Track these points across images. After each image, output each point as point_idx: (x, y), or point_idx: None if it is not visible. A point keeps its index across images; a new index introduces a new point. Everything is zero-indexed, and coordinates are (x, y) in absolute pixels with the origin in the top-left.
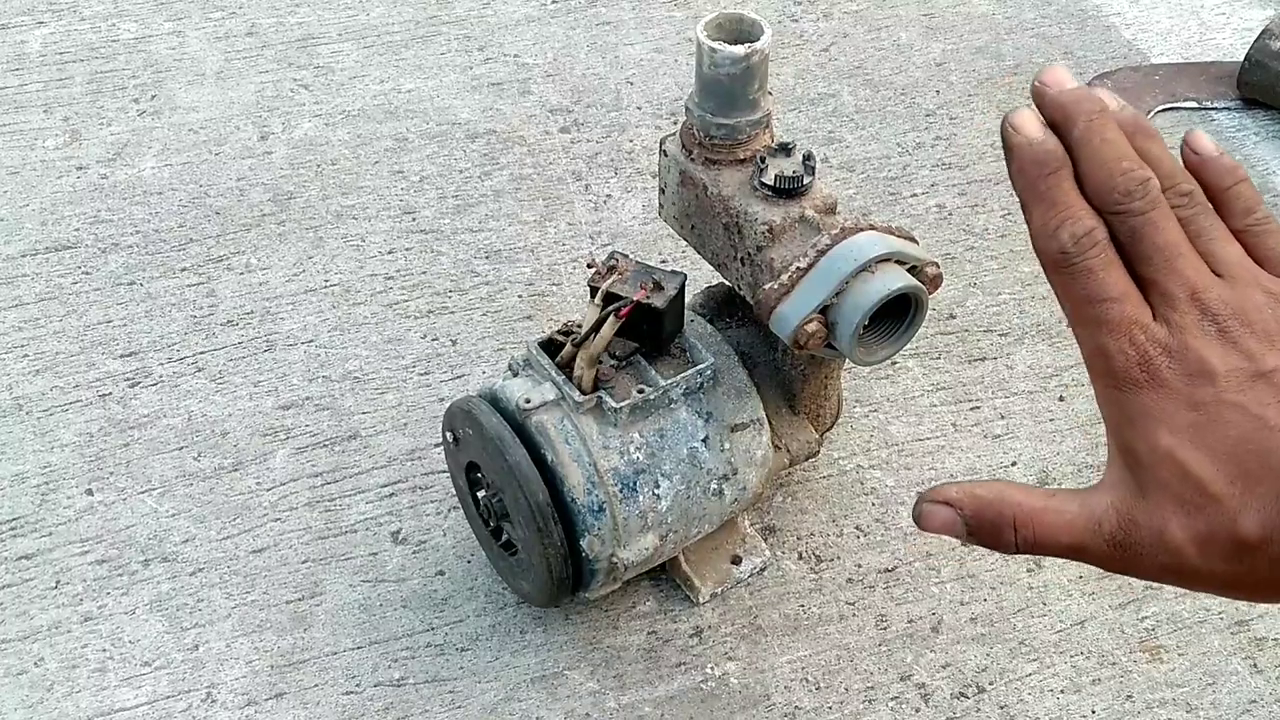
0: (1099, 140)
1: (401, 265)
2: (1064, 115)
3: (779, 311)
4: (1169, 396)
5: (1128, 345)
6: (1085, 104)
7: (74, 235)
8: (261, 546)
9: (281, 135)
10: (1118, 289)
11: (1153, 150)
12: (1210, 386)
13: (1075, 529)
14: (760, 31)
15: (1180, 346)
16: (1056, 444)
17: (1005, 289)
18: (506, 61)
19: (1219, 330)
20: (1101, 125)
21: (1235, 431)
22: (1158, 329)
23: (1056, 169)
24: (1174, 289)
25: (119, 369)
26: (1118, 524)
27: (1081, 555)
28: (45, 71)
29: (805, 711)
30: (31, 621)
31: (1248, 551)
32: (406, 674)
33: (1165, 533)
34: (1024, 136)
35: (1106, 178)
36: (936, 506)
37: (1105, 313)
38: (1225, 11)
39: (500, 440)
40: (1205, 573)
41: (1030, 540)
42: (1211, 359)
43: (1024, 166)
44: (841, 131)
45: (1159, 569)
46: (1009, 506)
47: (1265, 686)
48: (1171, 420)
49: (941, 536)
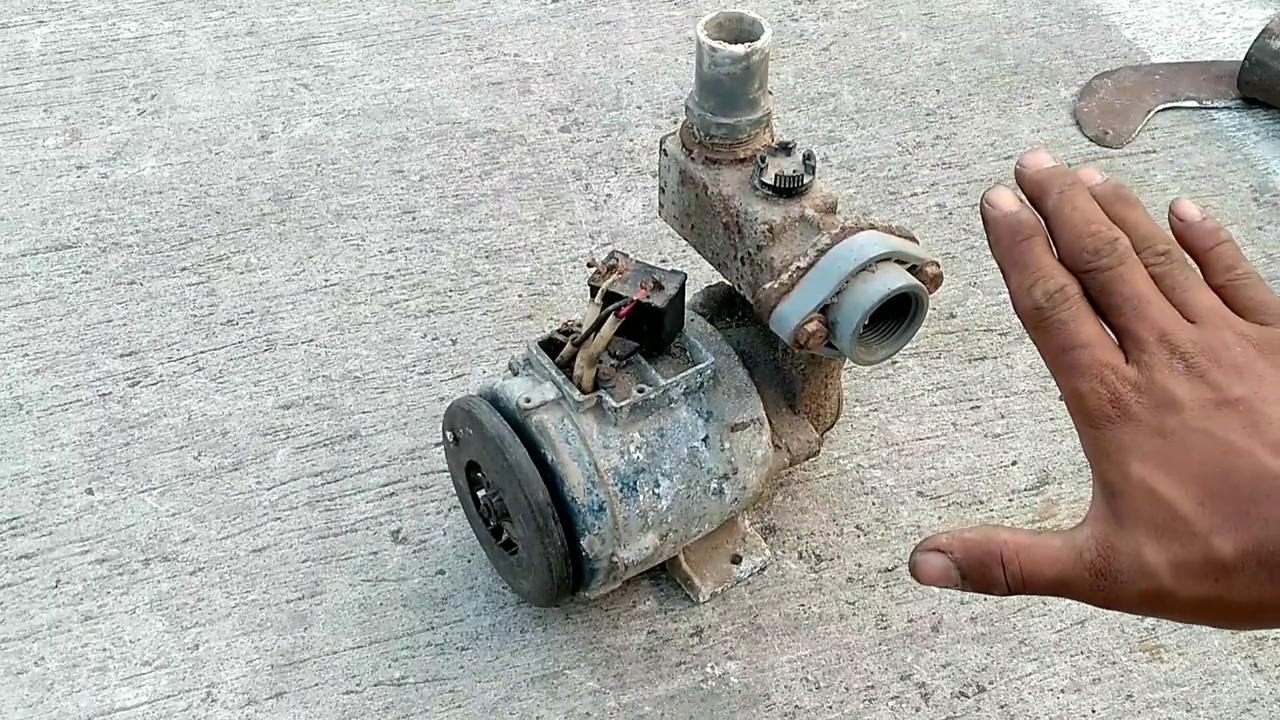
0: (1069, 208)
1: (401, 264)
2: (1039, 190)
3: (779, 311)
4: (1138, 428)
5: (1099, 385)
6: (1059, 178)
7: (74, 235)
8: (262, 546)
9: (281, 135)
10: (1088, 336)
11: (1130, 216)
12: (1176, 415)
13: (1060, 562)
14: (760, 31)
15: (1148, 382)
16: (1057, 443)
17: (1005, 288)
18: (506, 61)
19: (1186, 366)
20: (1073, 195)
21: (1202, 455)
22: (1127, 369)
23: (1030, 235)
24: (1143, 333)
25: (119, 368)
26: (1098, 553)
27: (1067, 589)
28: (45, 71)
29: (805, 711)
30: (31, 621)
31: (1223, 573)
32: (407, 673)
33: (1142, 557)
34: (1000, 210)
35: (1076, 239)
36: (929, 555)
37: (1077, 358)
38: (1225, 11)
39: (500, 439)
40: (1182, 598)
41: (1019, 575)
42: (1177, 391)
43: (1000, 235)
44: (842, 131)
45: (1138, 596)
46: (995, 545)
47: (1265, 686)
48: (1141, 449)
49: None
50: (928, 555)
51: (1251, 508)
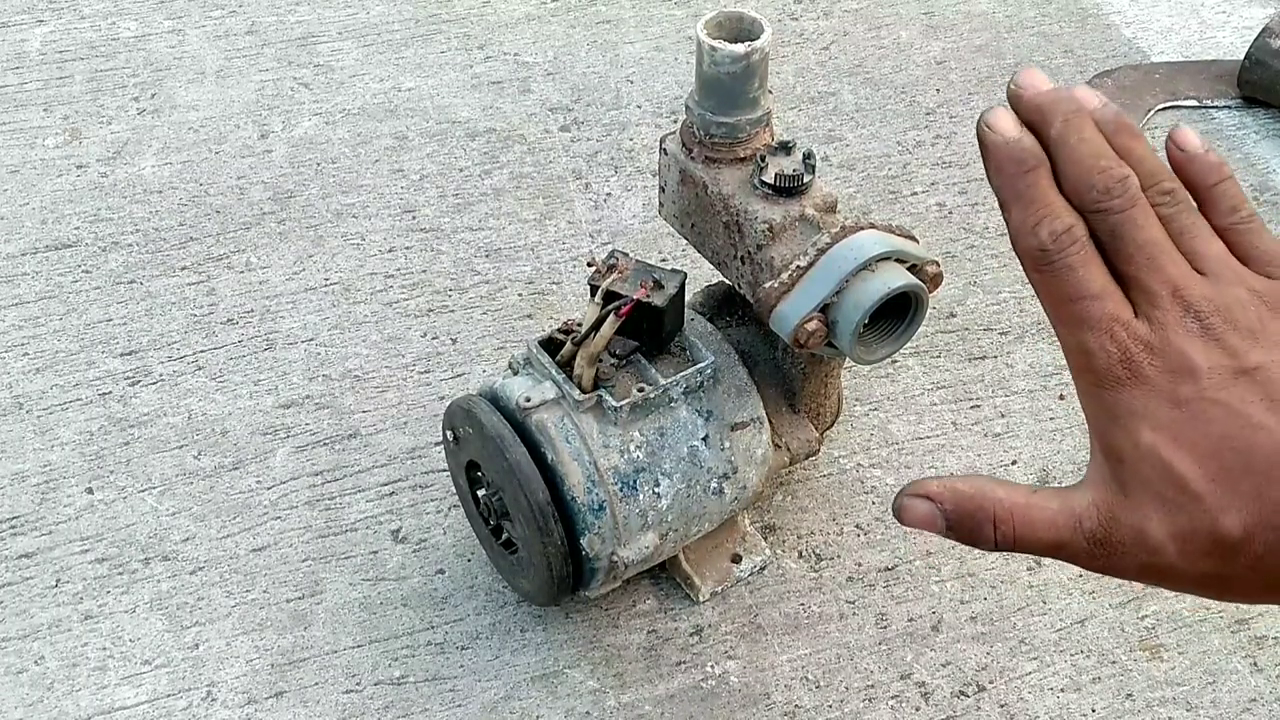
0: (1076, 139)
1: (401, 264)
2: (1040, 116)
3: (779, 310)
4: (1151, 394)
5: (1109, 342)
6: (1062, 104)
7: (74, 234)
8: (262, 545)
9: (281, 134)
10: (1098, 286)
11: (1135, 148)
12: (1193, 383)
13: (1056, 526)
14: (760, 30)
15: (1162, 343)
16: (1057, 442)
17: (1005, 287)
18: (506, 60)
19: (1202, 327)
20: (1079, 124)
21: (1217, 429)
22: (1139, 326)
23: (1034, 167)
24: (1156, 286)
25: (119, 367)
26: (1098, 521)
27: (1061, 553)
28: (45, 70)
29: (805, 710)
30: (31, 620)
31: (1228, 550)
32: (407, 672)
33: (1145, 530)
34: (1000, 135)
35: (1084, 176)
36: (916, 500)
37: (1085, 310)
38: (1225, 10)
39: (500, 439)
40: (1185, 572)
41: (1010, 537)
42: (1194, 355)
43: (1001, 165)
44: (842, 130)
45: (1139, 568)
46: (989, 502)
47: (1265, 685)
48: (1153, 417)
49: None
50: (915, 500)
51: (1266, 488)
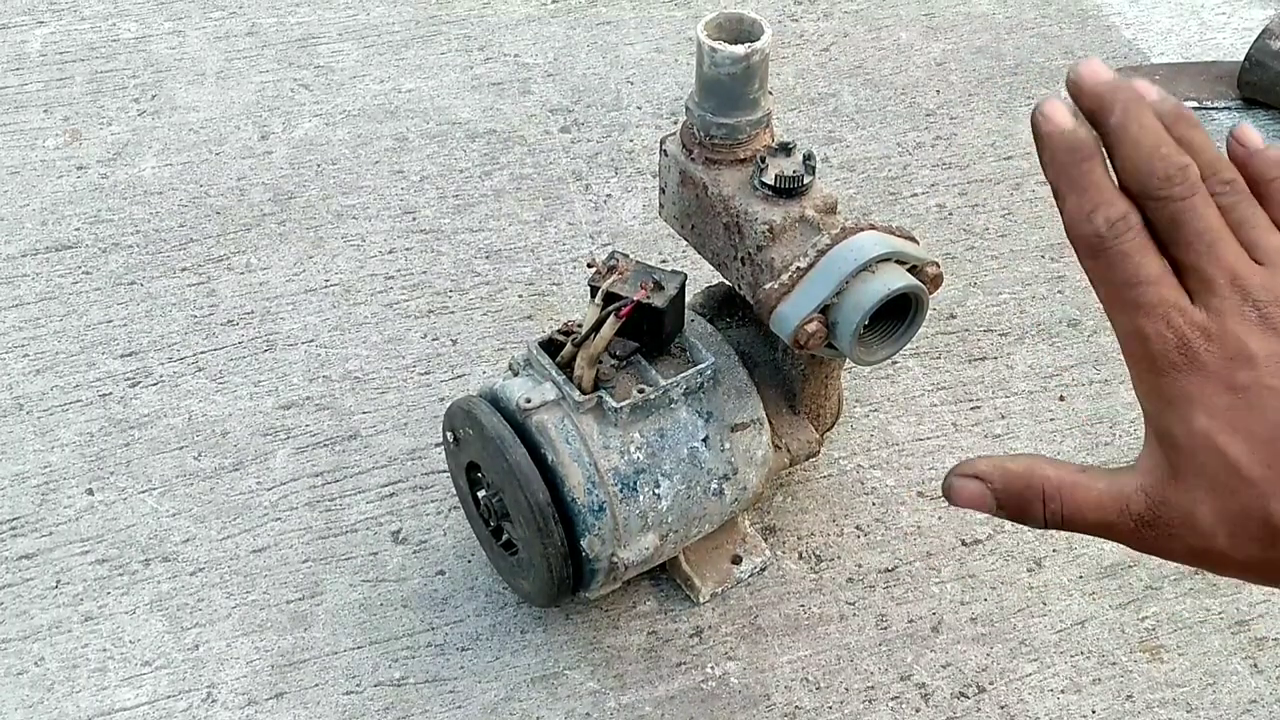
0: (1136, 127)
1: (402, 265)
2: (1099, 104)
3: (779, 311)
4: (1207, 380)
5: (1165, 328)
6: (1122, 92)
7: (74, 235)
8: (262, 546)
9: (282, 135)
10: (1154, 272)
11: (1195, 139)
12: (1250, 370)
13: (1104, 506)
14: (760, 31)
15: (1219, 330)
16: (1057, 444)
17: (1005, 289)
18: (507, 61)
19: (1260, 316)
20: (1139, 112)
21: (1273, 416)
22: (1196, 312)
23: (1090, 155)
24: (1214, 274)
25: (119, 369)
26: (1146, 505)
27: (1109, 532)
28: (45, 71)
29: (805, 711)
30: (32, 621)
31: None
32: (407, 673)
33: (1196, 514)
34: (1055, 125)
35: (1145, 163)
36: (966, 480)
37: (1142, 295)
38: (1225, 11)
39: (500, 440)
40: (1234, 557)
41: (1058, 514)
42: (1251, 343)
43: (1056, 154)
44: (842, 131)
45: (1187, 551)
46: (1039, 479)
47: (1265, 686)
48: (1209, 403)
49: (942, 534)
50: (966, 480)
51: None
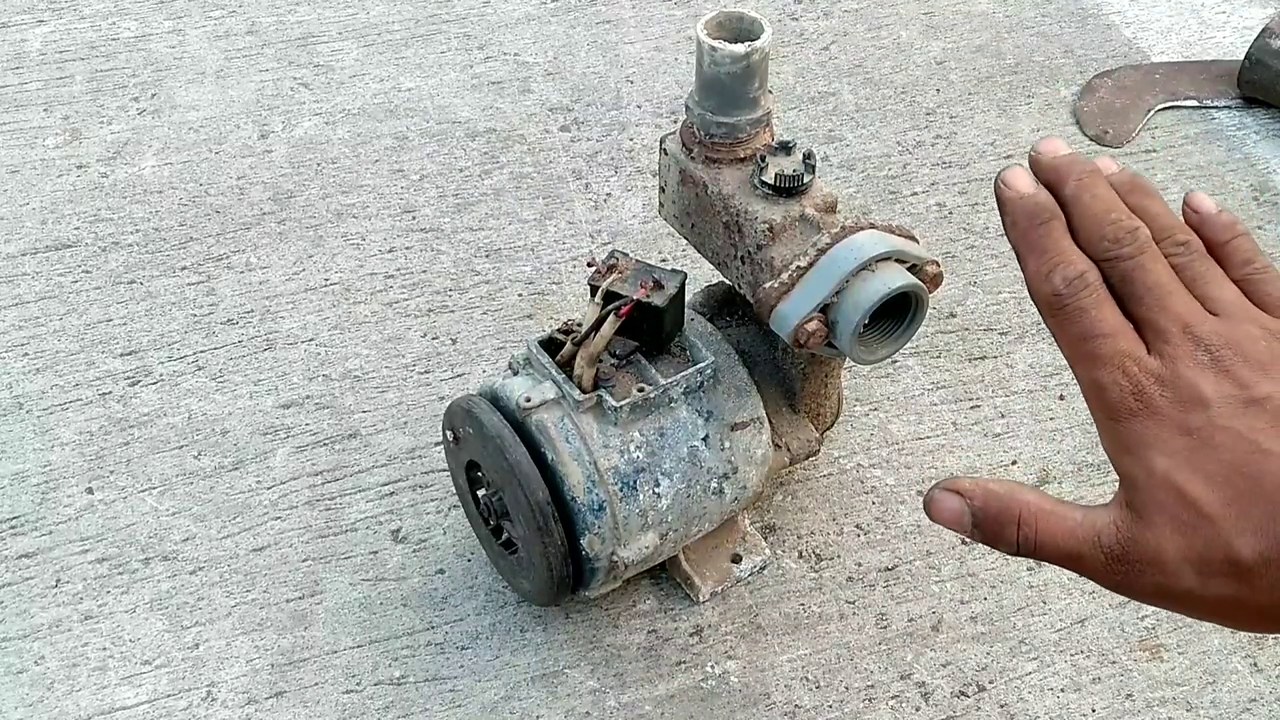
0: (1089, 196)
1: (401, 264)
2: (1056, 176)
3: (779, 310)
4: (1162, 423)
5: (1121, 377)
6: (1076, 165)
7: (74, 234)
8: (262, 545)
9: (281, 134)
10: (1110, 325)
11: (1150, 206)
12: (1203, 412)
13: (1076, 537)
14: (760, 30)
15: (1172, 375)
16: (1057, 443)
17: (1006, 287)
18: (506, 60)
19: (1212, 360)
20: (1091, 183)
21: (1228, 455)
22: (1150, 360)
23: (1048, 219)
24: (1166, 324)
25: (119, 368)
26: (1116, 540)
27: (1078, 564)
28: (45, 70)
29: (805, 710)
30: (32, 620)
31: (1244, 574)
32: (407, 672)
33: (1161, 553)
34: (1016, 190)
35: (1096, 227)
36: (947, 495)
37: (1098, 348)
38: (1225, 10)
39: (500, 439)
40: (1200, 596)
41: (1031, 540)
42: (1204, 386)
43: (1017, 219)
44: (842, 130)
45: (1153, 589)
46: (1018, 503)
47: (1265, 686)
48: (1166, 445)
49: (942, 533)
50: (947, 495)
51: (1276, 516)
